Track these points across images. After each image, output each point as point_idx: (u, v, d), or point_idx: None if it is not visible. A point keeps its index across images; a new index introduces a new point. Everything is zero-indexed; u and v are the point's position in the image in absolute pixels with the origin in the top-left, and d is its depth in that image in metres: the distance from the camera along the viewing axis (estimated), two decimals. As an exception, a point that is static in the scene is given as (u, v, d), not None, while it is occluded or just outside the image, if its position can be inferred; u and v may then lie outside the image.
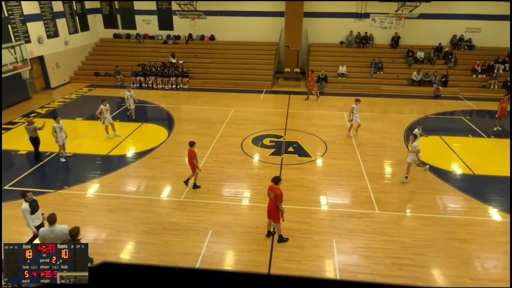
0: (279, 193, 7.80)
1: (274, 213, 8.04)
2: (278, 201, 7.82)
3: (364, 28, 22.58)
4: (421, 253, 7.95)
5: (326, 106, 18.23)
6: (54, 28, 20.33)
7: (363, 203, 9.84)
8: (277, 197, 7.80)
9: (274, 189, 7.88)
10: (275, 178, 7.96)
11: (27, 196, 7.46)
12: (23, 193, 7.53)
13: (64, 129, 11.90)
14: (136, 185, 10.86)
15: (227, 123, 15.47)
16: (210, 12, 22.01)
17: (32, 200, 7.57)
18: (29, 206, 7.45)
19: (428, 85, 20.17)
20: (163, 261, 7.81)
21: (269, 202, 8.13)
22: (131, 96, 15.29)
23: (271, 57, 22.75)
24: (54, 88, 20.55)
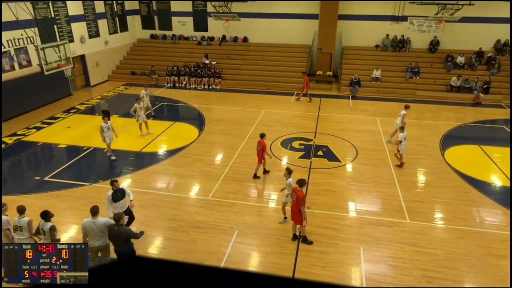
0: (301, 196, 7.78)
1: (296, 215, 8.04)
2: (299, 204, 7.80)
3: (401, 31, 21.93)
4: (453, 267, 7.61)
5: (358, 110, 17.87)
6: (95, 28, 21.27)
7: (393, 212, 9.55)
8: (298, 200, 7.78)
9: (297, 191, 7.87)
10: (300, 181, 7.94)
11: (113, 185, 8.01)
12: (111, 182, 8.09)
13: (113, 128, 12.16)
14: (166, 182, 11.13)
15: (257, 124, 15.52)
16: (244, 14, 22.20)
17: (118, 189, 8.05)
18: (112, 195, 7.99)
19: (468, 92, 19.28)
20: (188, 258, 7.95)
21: (292, 204, 8.12)
22: (147, 95, 15.69)
23: (303, 60, 22.60)
24: (93, 85, 21.48)
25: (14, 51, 15.84)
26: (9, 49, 15.62)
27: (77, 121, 15.88)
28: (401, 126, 12.32)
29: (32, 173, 11.61)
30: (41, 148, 13.45)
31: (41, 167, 12.26)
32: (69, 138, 14.01)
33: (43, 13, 17.16)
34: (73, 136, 14.20)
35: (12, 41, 15.71)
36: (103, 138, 12.01)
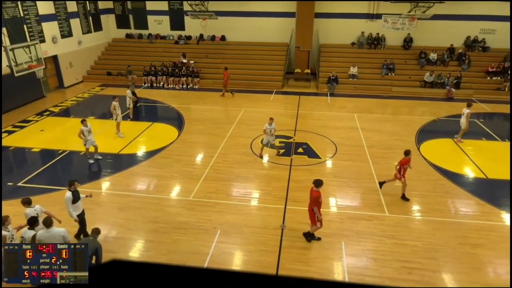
0: (314, 196, 7.81)
1: (310, 214, 8.10)
2: (312, 204, 7.85)
3: (376, 29, 22.37)
4: (432, 257, 7.84)
5: (336, 107, 18.12)
6: (68, 28, 20.65)
7: (373, 206, 9.74)
8: (311, 199, 7.88)
9: (312, 191, 7.93)
10: (316, 181, 7.89)
11: (73, 185, 7.79)
12: (71, 182, 7.83)
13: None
14: (145, 184, 10.95)
15: (237, 123, 15.49)
16: (221, 12, 22.08)
17: (75, 190, 7.85)
18: (72, 195, 7.78)
19: (440, 87, 19.89)
20: (171, 259, 7.86)
21: (309, 203, 8.14)
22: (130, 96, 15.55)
23: (281, 58, 22.71)
24: (67, 87, 20.87)
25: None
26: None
27: (51, 124, 15.39)
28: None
29: (5, 178, 11.15)
30: (13, 152, 12.95)
31: (14, 172, 11.80)
32: (43, 142, 13.56)
33: (11, 13, 16.51)
34: (47, 139, 13.75)
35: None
36: (84, 142, 11.60)
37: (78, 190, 8.08)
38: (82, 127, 11.46)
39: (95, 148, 11.93)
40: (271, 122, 12.05)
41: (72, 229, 8.67)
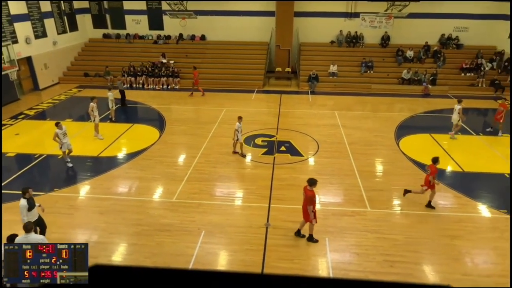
0: (309, 195, 7.86)
1: (305, 213, 8.13)
2: (307, 203, 7.90)
3: (354, 27, 22.72)
4: (413, 250, 8.03)
5: (317, 105, 18.30)
6: (42, 28, 20.04)
7: (355, 201, 9.90)
8: (306, 198, 7.93)
9: (306, 190, 7.99)
10: (310, 180, 7.95)
11: (28, 193, 7.53)
12: (24, 189, 7.56)
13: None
14: (127, 186, 10.77)
15: (219, 123, 15.42)
16: (201, 12, 21.93)
17: (30, 197, 7.62)
18: (27, 203, 7.51)
19: (417, 84, 20.38)
20: (155, 262, 7.75)
21: (303, 202, 8.20)
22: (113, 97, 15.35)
23: (262, 57, 22.75)
24: (42, 89, 20.26)
25: (-51, 54, 14.55)
26: None
27: (26, 127, 14.91)
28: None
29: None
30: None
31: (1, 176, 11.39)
32: (18, 146, 13.12)
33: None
34: (22, 143, 13.32)
35: None
36: (60, 145, 11.33)
37: (33, 197, 7.82)
38: (56, 130, 11.18)
39: (69, 151, 11.66)
40: (240, 120, 12.06)
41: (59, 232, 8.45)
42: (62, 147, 11.41)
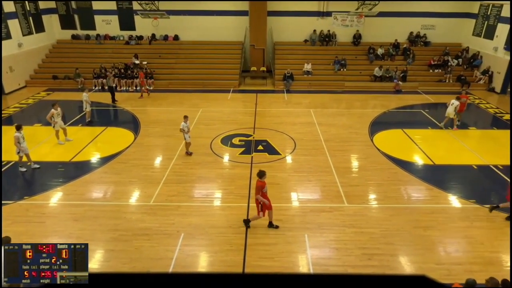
0: (258, 185, 8.21)
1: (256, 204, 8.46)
2: (256, 192, 8.21)
3: (327, 26, 23.07)
4: (389, 243, 8.26)
5: (293, 103, 18.47)
6: (5, 29, 19.16)
7: (333, 197, 10.07)
8: (256, 188, 8.25)
9: (256, 182, 8.33)
10: (259, 172, 8.33)
11: None
12: None
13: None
14: (102, 191, 10.49)
15: (195, 124, 15.28)
16: (173, 11, 21.63)
17: None
18: None
19: (389, 81, 20.95)
20: (134, 268, 7.61)
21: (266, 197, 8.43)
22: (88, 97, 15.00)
23: (237, 56, 22.71)
24: (8, 93, 19.39)
25: None
26: None
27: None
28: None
29: None
30: (-51, 167, 11.83)
31: None
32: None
33: None
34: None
35: None
36: (18, 150, 10.99)
37: None
38: (16, 134, 10.84)
39: (27, 156, 11.32)
40: (186, 120, 12.06)
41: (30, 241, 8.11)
42: (20, 152, 11.06)
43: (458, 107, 14.57)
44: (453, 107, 14.51)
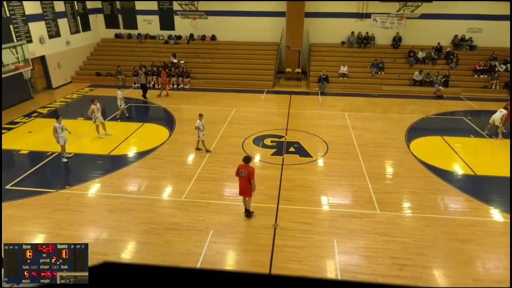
0: (252, 170, 8.60)
1: (248, 189, 8.72)
2: (252, 177, 8.56)
3: (366, 28, 22.56)
4: (422, 254, 7.94)
5: (327, 106, 18.22)
6: (55, 28, 20.37)
7: (364, 203, 9.83)
8: (250, 173, 8.55)
9: (246, 167, 8.59)
10: (246, 158, 8.69)
11: None
12: None
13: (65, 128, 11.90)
14: (137, 185, 10.87)
15: (228, 123, 15.47)
16: (211, 12, 22.01)
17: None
18: None
19: (429, 85, 20.14)
20: (164, 261, 7.81)
21: (242, 180, 8.73)
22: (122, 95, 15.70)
23: (272, 57, 22.75)
24: (55, 88, 20.59)
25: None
26: (-39, 51, 14.64)
27: (39, 126, 15.15)
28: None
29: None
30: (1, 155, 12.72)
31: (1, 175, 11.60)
32: (31, 144, 13.36)
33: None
34: (35, 141, 13.54)
35: (-36, 42, 14.74)
36: (57, 140, 11.64)
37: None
38: (55, 124, 11.50)
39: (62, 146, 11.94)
40: (201, 118, 12.35)
41: (70, 230, 8.59)
42: (59, 142, 11.69)
43: (505, 116, 13.76)
44: (501, 114, 13.73)
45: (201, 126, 12.27)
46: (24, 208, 9.54)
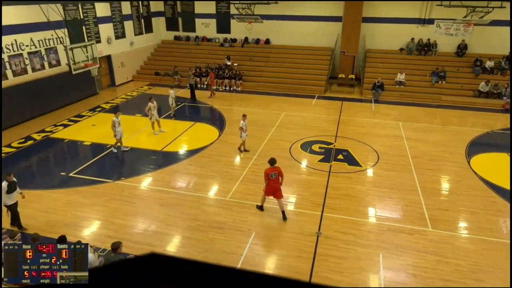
0: (281, 169, 9.09)
1: (279, 190, 9.01)
2: (282, 175, 9.03)
3: (427, 34, 21.40)
4: (478, 279, 7.33)
5: (380, 114, 17.55)
6: (121, 29, 21.82)
7: (415, 219, 9.31)
8: (280, 172, 9.01)
9: (274, 168, 8.98)
10: (272, 160, 9.08)
11: (9, 177, 8.38)
12: (7, 174, 8.46)
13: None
14: (186, 181, 11.26)
15: (277, 126, 15.49)
16: (267, 16, 22.23)
17: (12, 181, 8.42)
18: (7, 186, 8.34)
19: (497, 98, 18.59)
20: (206, 257, 7.99)
21: (272, 182, 8.97)
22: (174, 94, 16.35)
23: (325, 62, 22.42)
24: (118, 85, 22.02)
25: (44, 51, 16.45)
26: (40, 49, 16.23)
27: (101, 120, 16.31)
28: None
29: (58, 168, 12.01)
30: (67, 145, 13.89)
31: (66, 163, 12.66)
32: (93, 136, 14.40)
33: (72, 15, 17.74)
34: (97, 134, 14.58)
35: (43, 41, 16.31)
36: (114, 133, 12.44)
37: (15, 182, 8.56)
38: (114, 119, 12.38)
39: (119, 140, 12.74)
40: (244, 118, 12.47)
41: (122, 219, 9.14)
42: (116, 135, 12.46)
43: None
44: None
45: (244, 127, 12.44)
46: (84, 195, 10.31)
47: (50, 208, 9.68)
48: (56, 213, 9.45)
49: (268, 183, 9.00)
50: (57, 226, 8.85)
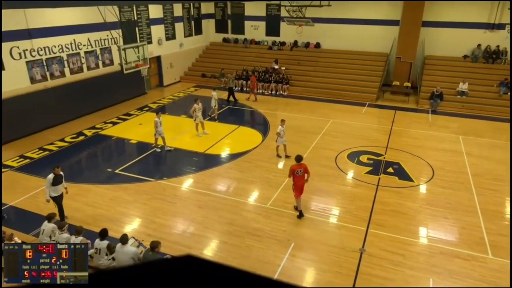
0: (306, 165, 9.00)
1: (303, 187, 9.01)
2: (308, 172, 8.98)
3: (497, 41, 19.56)
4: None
5: (438, 126, 16.27)
6: (172, 31, 22.40)
7: (473, 244, 8.37)
8: (306, 169, 8.93)
9: (300, 165, 8.89)
10: (299, 157, 8.99)
11: (56, 170, 8.62)
12: (54, 167, 8.71)
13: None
14: (226, 185, 11.11)
15: (323, 134, 14.90)
16: (318, 19, 21.64)
17: (58, 174, 8.65)
18: (53, 178, 8.57)
19: None
20: (242, 264, 7.72)
21: (298, 179, 8.91)
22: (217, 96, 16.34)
23: (379, 69, 21.34)
24: (166, 86, 22.62)
25: (100, 50, 17.30)
26: (96, 49, 17.11)
27: (148, 119, 16.68)
28: None
29: (105, 165, 12.43)
30: (115, 142, 14.37)
31: (113, 160, 13.08)
32: (140, 135, 14.78)
33: (127, 16, 18.49)
34: (143, 133, 14.92)
35: (99, 41, 17.18)
36: (155, 133, 12.73)
37: (62, 175, 8.74)
38: (156, 119, 12.62)
39: (163, 139, 12.94)
40: (283, 124, 12.29)
41: (162, 218, 9.17)
42: (156, 134, 12.74)
43: None
44: None
45: (282, 132, 12.09)
46: (128, 192, 10.52)
47: (96, 202, 9.97)
48: (101, 208, 9.71)
49: (294, 181, 8.97)
50: (101, 220, 9.06)
